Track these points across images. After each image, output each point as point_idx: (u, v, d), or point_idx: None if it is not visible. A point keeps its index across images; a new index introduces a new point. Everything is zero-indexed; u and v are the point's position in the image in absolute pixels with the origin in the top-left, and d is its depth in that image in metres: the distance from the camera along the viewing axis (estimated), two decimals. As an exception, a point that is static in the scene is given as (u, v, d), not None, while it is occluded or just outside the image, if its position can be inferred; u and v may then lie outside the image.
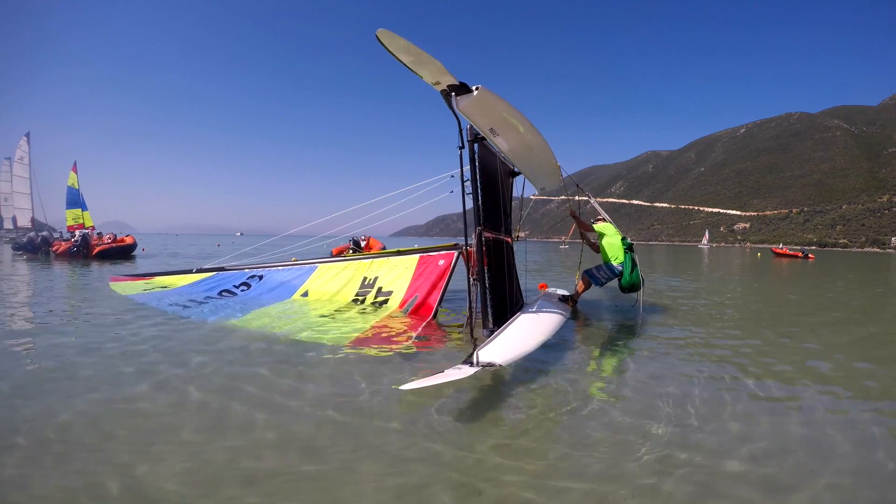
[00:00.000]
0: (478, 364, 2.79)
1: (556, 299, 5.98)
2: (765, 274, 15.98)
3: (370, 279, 6.13)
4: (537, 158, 4.71)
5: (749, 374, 3.43)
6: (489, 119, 3.50)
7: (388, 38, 2.56)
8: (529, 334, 3.73)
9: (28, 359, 3.53)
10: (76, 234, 18.64)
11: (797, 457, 2.19)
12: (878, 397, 3.06)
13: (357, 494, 1.83)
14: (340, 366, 3.43)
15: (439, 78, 2.91)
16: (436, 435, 2.31)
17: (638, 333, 4.92)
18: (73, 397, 2.72)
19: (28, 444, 2.16)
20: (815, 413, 2.74)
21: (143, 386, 2.92)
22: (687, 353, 4.02)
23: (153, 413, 2.53)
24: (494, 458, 2.12)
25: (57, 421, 2.39)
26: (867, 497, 1.91)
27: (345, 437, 2.28)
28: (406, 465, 2.03)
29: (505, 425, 2.47)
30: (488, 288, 4.11)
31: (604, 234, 5.78)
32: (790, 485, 1.95)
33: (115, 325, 4.68)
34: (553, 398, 2.87)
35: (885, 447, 2.31)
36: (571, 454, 2.15)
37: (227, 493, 1.82)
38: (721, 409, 2.74)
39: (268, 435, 2.29)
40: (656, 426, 2.46)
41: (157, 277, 7.92)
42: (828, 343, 4.66)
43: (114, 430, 2.32)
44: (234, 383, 2.99)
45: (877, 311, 7.22)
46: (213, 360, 3.51)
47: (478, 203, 4.08)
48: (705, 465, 2.08)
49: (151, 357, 3.55)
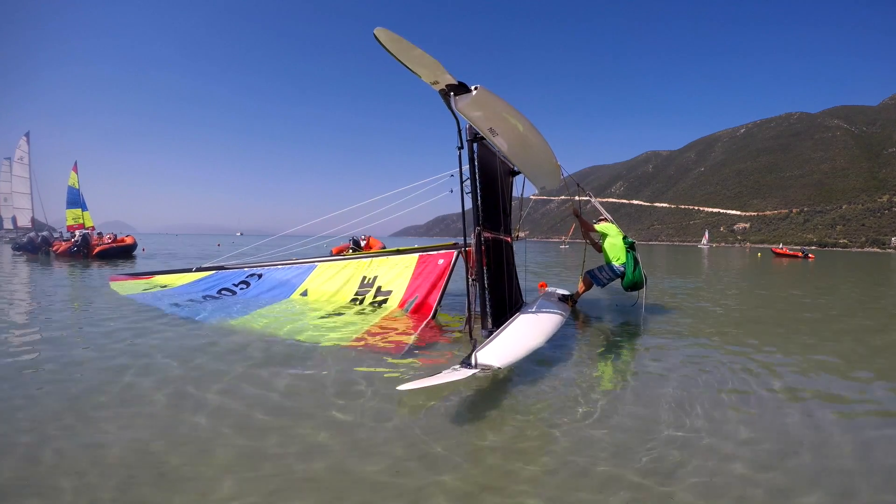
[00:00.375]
0: (476, 366, 2.77)
1: (555, 299, 5.97)
2: (766, 274, 15.97)
3: (369, 278, 6.10)
4: (537, 158, 4.70)
5: (753, 374, 3.41)
6: (488, 119, 3.49)
7: (385, 37, 2.55)
8: (528, 335, 3.70)
9: (23, 360, 3.53)
10: (76, 234, 18.65)
11: (800, 458, 2.19)
12: (884, 400, 3.05)
13: (355, 496, 1.82)
14: (340, 366, 3.42)
15: (438, 77, 2.90)
16: (435, 437, 2.30)
17: (639, 334, 4.91)
18: (70, 399, 2.71)
19: (30, 443, 2.16)
20: (820, 415, 2.72)
21: (140, 385, 2.91)
22: (689, 354, 4.00)
23: (149, 412, 2.53)
24: (493, 460, 2.12)
25: (56, 424, 2.39)
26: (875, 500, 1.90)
27: (344, 437, 2.28)
28: (405, 466, 2.03)
29: (504, 427, 2.46)
30: (487, 288, 4.10)
31: (606, 235, 5.78)
32: (794, 487, 1.94)
33: (113, 324, 4.68)
34: (553, 400, 2.86)
35: (886, 449, 2.31)
36: (572, 457, 2.14)
37: (225, 492, 1.82)
38: (725, 410, 2.72)
39: (266, 435, 2.28)
40: (659, 428, 2.45)
41: (157, 276, 7.90)
42: (830, 343, 4.66)
43: (111, 429, 2.32)
44: (232, 383, 2.98)
45: (873, 305, 7.21)
46: (212, 360, 3.50)
47: (477, 203, 4.06)
48: (709, 467, 2.07)
49: (149, 357, 3.54)
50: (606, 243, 5.77)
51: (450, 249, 5.70)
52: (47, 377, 3.08)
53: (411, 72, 2.81)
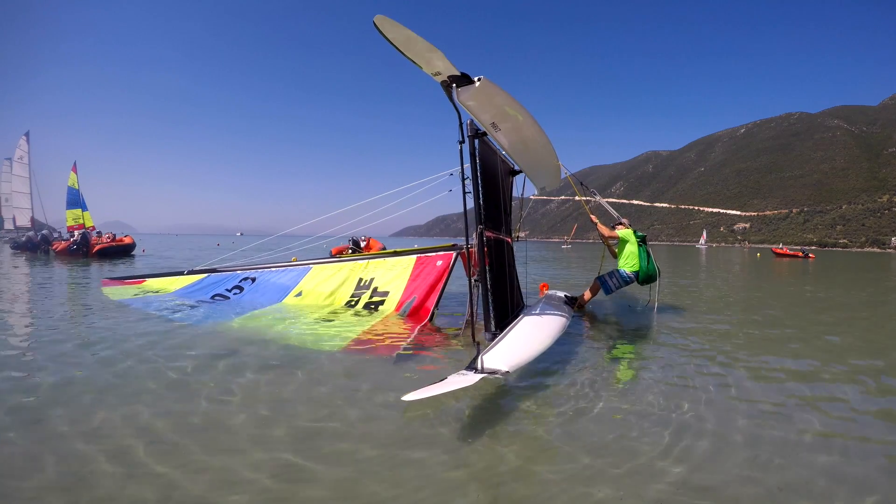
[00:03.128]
0: (482, 370, 2.64)
1: (558, 301, 5.86)
2: (766, 274, 15.89)
3: (366, 280, 5.95)
4: (539, 155, 4.62)
5: (761, 378, 3.33)
6: (491, 112, 3.40)
7: (386, 26, 2.46)
8: (535, 338, 3.58)
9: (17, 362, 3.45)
10: (75, 234, 18.60)
11: (810, 472, 2.11)
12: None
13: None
14: (336, 371, 3.31)
15: (440, 68, 2.80)
16: (436, 443, 2.22)
17: (649, 336, 4.78)
18: (66, 404, 2.64)
19: (31, 442, 2.10)
20: (831, 428, 2.64)
21: (134, 390, 2.83)
22: (699, 358, 3.90)
23: (144, 419, 2.44)
24: (497, 466, 2.04)
25: (49, 431, 2.32)
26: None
27: (342, 443, 2.20)
28: (403, 474, 1.95)
29: (509, 433, 2.38)
30: (490, 289, 3.99)
31: (626, 241, 5.74)
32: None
33: (106, 331, 4.56)
34: (561, 405, 2.76)
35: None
36: (581, 463, 2.06)
37: (220, 501, 1.74)
38: (736, 417, 2.63)
39: (261, 444, 2.19)
40: (669, 434, 2.36)
41: (149, 280, 7.70)
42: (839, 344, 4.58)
43: (107, 431, 2.25)
44: (225, 390, 2.87)
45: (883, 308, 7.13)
46: (205, 365, 3.37)
47: (479, 202, 3.93)
48: (715, 470, 2.00)
49: (142, 362, 3.43)
50: (625, 248, 5.74)
51: (448, 251, 5.58)
52: (39, 383, 3.00)
53: (412, 62, 2.72)
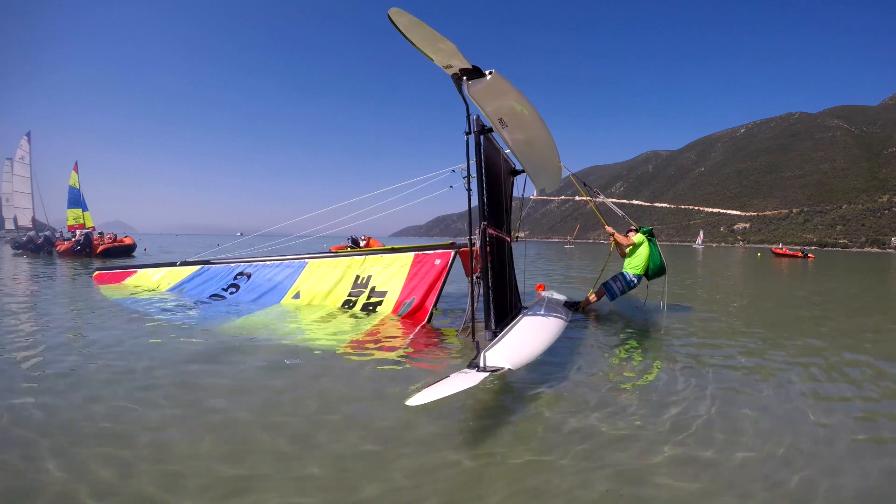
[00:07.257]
0: (485, 368, 2.59)
1: (556, 302, 5.83)
2: (767, 274, 15.90)
3: (363, 278, 5.83)
4: (543, 154, 4.64)
5: (767, 379, 3.31)
6: (499, 107, 3.42)
7: (400, 18, 2.49)
8: (536, 337, 3.56)
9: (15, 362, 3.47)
10: (77, 234, 18.65)
11: (811, 471, 2.12)
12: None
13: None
14: (335, 373, 3.27)
15: (451, 61, 2.82)
16: (437, 443, 2.20)
17: (652, 334, 4.78)
18: (65, 406, 2.64)
19: (31, 440, 2.12)
20: (835, 431, 2.63)
21: (132, 393, 2.81)
22: (703, 358, 3.89)
23: (141, 422, 2.41)
24: (499, 465, 2.04)
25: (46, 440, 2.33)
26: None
27: (342, 443, 2.18)
28: (402, 477, 1.94)
29: (511, 431, 2.36)
30: (491, 287, 3.90)
31: (640, 244, 5.75)
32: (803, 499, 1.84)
33: (106, 333, 4.53)
34: (564, 405, 2.72)
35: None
36: (584, 465, 2.04)
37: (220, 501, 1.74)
38: (743, 419, 2.57)
39: (262, 447, 2.15)
40: (673, 435, 2.32)
41: (141, 271, 7.74)
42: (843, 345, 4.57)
43: (104, 434, 2.25)
44: (224, 393, 2.81)
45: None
46: (203, 369, 3.28)
47: (482, 198, 3.89)
48: (722, 476, 2.01)
49: (139, 365, 3.34)
50: (636, 251, 5.75)
51: (447, 249, 5.46)
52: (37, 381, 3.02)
53: (424, 55, 2.75)
